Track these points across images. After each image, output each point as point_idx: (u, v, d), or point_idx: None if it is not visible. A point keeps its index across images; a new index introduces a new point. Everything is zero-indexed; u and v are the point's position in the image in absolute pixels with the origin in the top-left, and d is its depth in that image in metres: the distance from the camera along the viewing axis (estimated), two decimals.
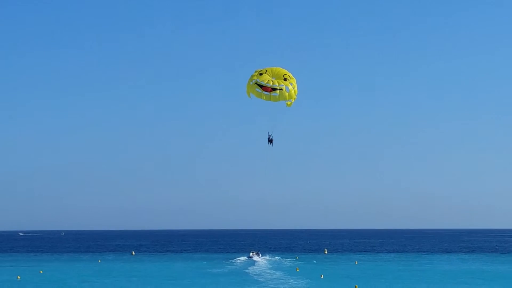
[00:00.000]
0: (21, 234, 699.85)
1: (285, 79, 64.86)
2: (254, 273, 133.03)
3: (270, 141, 66.54)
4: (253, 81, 64.95)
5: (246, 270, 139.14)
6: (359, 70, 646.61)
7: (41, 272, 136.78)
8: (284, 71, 65.66)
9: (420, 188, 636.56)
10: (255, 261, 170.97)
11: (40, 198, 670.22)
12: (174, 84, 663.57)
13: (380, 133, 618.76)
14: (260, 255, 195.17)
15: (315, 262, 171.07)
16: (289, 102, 64.96)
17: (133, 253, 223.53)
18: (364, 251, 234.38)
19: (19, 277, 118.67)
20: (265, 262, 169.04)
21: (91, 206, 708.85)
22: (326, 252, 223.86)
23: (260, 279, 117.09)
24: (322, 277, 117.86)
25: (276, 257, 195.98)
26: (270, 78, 64.72)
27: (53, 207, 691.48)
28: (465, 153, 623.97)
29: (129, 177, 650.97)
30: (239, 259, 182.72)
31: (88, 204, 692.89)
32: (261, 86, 64.43)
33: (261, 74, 65.01)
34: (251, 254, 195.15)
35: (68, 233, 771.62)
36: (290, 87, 64.81)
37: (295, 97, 65.34)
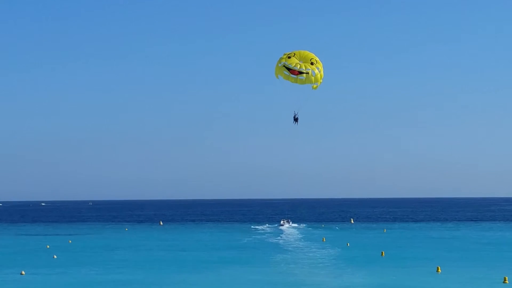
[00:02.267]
0: (43, 204, 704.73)
1: (312, 63, 67.61)
2: (281, 242, 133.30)
3: (296, 119, 69.41)
4: (282, 63, 67.66)
5: (273, 240, 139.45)
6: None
7: (70, 242, 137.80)
8: (312, 55, 68.38)
9: (447, 157, 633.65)
10: (282, 230, 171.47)
11: (65, 168, 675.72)
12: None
13: (404, 100, 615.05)
14: (291, 222, 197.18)
15: (341, 230, 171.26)
16: (315, 85, 67.80)
17: (161, 223, 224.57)
18: (392, 220, 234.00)
19: (48, 246, 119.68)
20: (292, 231, 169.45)
21: (117, 177, 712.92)
22: (352, 221, 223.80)
23: (287, 248, 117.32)
24: (348, 245, 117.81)
25: (303, 225, 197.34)
26: (298, 62, 67.47)
27: (79, 177, 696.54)
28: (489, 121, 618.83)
29: (152, 146, 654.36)
30: (266, 229, 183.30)
31: (113, 175, 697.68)
32: (288, 69, 67.19)
33: (289, 57, 67.76)
34: (282, 222, 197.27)
35: (95, 203, 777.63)
36: (316, 71, 67.42)
37: (321, 81, 68.04)
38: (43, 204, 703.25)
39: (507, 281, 73.22)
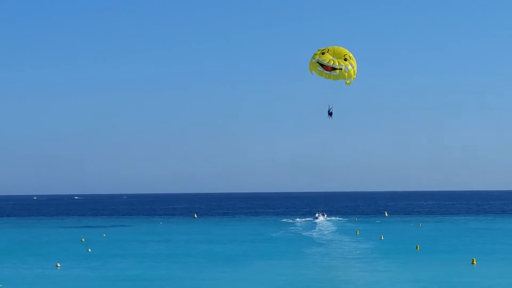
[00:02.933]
0: (76, 198, 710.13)
1: (345, 59, 68.98)
2: (315, 235, 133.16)
3: (330, 114, 70.97)
4: (315, 59, 69.09)
5: (307, 233, 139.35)
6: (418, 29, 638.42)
7: (104, 235, 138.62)
8: (345, 51, 69.66)
9: (481, 151, 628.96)
10: (315, 224, 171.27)
11: (97, 163, 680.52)
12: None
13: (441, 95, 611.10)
14: (326, 215, 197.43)
15: (375, 223, 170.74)
16: (348, 81, 69.21)
17: (195, 216, 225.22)
18: (426, 214, 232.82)
19: (83, 240, 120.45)
20: (325, 224, 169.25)
21: (151, 171, 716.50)
22: (386, 214, 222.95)
23: (321, 242, 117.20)
24: (382, 238, 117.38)
25: (337, 218, 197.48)
26: (331, 58, 68.77)
27: (112, 172, 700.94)
28: None
29: (185, 141, 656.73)
30: (299, 222, 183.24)
31: (146, 169, 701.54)
32: (322, 65, 68.76)
33: (323, 53, 69.17)
34: (316, 215, 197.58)
35: (129, 196, 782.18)
36: (350, 67, 68.73)
37: (354, 76, 69.41)
38: (76, 198, 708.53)
39: None
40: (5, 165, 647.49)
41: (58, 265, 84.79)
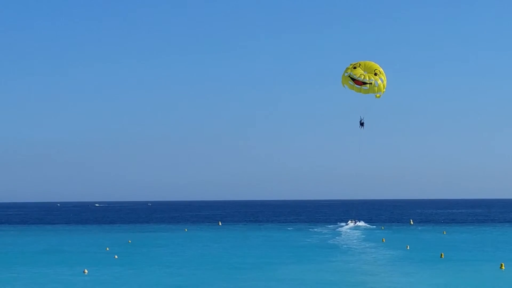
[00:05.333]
0: (96, 205, 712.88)
1: (375, 74, 72.55)
2: (341, 242, 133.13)
3: (362, 124, 74.86)
4: (347, 73, 73.19)
5: (332, 241, 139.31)
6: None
7: (130, 242, 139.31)
8: (376, 66, 73.33)
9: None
10: (341, 231, 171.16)
11: (122, 170, 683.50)
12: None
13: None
14: (357, 222, 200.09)
15: (400, 232, 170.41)
16: (378, 95, 72.90)
17: (220, 223, 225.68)
18: (452, 222, 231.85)
19: (107, 249, 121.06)
20: (351, 232, 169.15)
21: (175, 178, 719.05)
22: (412, 222, 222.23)
23: (347, 250, 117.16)
24: (408, 247, 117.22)
25: (366, 224, 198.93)
26: (362, 72, 72.49)
27: (138, 180, 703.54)
28: None
29: (209, 147, 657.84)
30: (324, 229, 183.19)
31: (170, 177, 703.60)
32: (353, 79, 72.84)
33: (354, 68, 73.05)
34: (349, 222, 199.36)
35: (154, 204, 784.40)
36: (379, 81, 72.47)
37: (384, 90, 73.03)
38: (96, 205, 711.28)
39: None
40: (30, 172, 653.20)
41: (86, 271, 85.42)
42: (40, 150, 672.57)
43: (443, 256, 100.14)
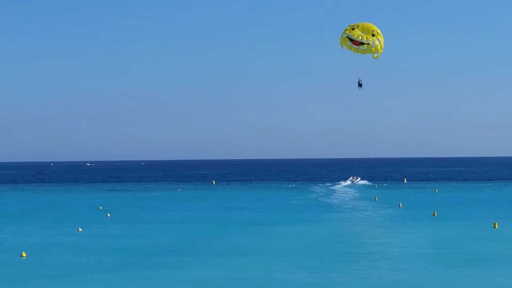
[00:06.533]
0: (88, 164, 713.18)
1: (373, 35, 75.42)
2: (333, 202, 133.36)
3: (360, 85, 78.79)
4: (346, 34, 75.93)
5: (326, 199, 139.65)
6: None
7: (122, 201, 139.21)
8: (374, 27, 76.14)
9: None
10: (335, 190, 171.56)
11: (115, 130, 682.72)
12: None
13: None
14: (359, 179, 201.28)
15: (393, 189, 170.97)
16: (375, 55, 75.83)
17: (214, 183, 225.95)
18: (446, 179, 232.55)
19: (100, 207, 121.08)
20: (345, 190, 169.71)
21: (167, 138, 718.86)
22: (405, 181, 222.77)
23: (339, 208, 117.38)
24: (401, 205, 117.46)
25: (364, 181, 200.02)
26: (360, 33, 75.28)
27: (131, 138, 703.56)
28: None
29: (196, 107, 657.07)
30: (320, 188, 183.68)
31: (163, 136, 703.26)
32: (351, 39, 75.46)
33: (353, 29, 75.76)
34: (351, 178, 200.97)
35: (147, 163, 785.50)
36: (377, 42, 75.28)
37: (381, 51, 75.62)
38: (88, 164, 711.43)
39: None
40: (22, 131, 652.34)
41: (80, 229, 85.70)
42: (34, 111, 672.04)
43: (435, 215, 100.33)
